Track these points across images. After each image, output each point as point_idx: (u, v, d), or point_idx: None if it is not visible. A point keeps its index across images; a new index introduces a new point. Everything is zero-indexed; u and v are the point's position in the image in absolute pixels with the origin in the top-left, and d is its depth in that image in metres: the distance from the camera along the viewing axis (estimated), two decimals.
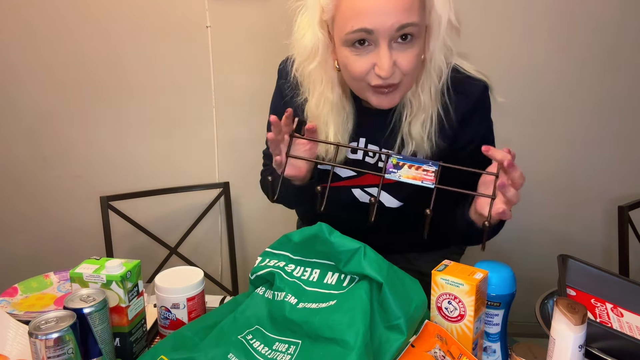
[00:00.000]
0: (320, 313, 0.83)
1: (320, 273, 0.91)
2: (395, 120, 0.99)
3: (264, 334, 0.87)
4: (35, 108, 1.82)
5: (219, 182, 1.79)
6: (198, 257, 1.80)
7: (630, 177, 1.73)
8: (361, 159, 1.05)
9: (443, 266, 0.84)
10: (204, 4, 1.68)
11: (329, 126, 0.99)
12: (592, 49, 1.63)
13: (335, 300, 0.84)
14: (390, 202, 1.06)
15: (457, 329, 0.81)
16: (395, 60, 0.85)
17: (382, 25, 0.82)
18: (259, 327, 0.88)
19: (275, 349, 0.83)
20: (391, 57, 0.84)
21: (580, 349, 0.70)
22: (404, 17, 0.82)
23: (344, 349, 0.75)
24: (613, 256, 1.63)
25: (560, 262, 0.98)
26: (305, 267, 0.92)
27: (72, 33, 1.73)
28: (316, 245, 0.89)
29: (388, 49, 0.84)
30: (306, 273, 0.92)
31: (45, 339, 0.74)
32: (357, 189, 1.08)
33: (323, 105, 0.97)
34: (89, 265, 0.88)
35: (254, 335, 0.87)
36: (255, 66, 1.69)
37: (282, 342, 0.84)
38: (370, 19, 0.82)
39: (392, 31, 0.83)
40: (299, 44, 0.95)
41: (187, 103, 1.79)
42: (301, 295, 0.88)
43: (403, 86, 0.90)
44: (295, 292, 0.89)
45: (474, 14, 1.60)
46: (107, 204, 1.63)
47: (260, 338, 0.86)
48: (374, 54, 0.86)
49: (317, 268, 0.92)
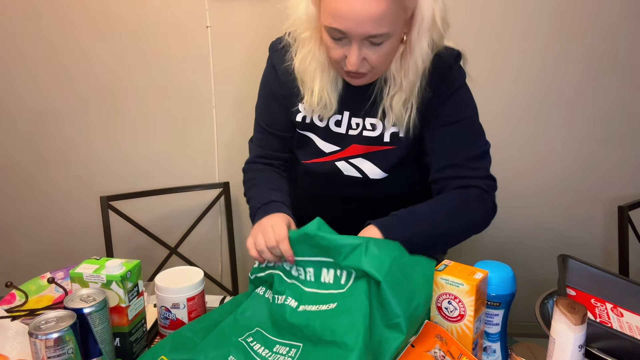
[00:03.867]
0: (321, 316, 0.83)
1: (315, 272, 0.91)
2: (376, 93, 1.04)
3: (265, 336, 0.87)
4: (36, 108, 1.82)
5: (219, 182, 1.79)
6: (198, 257, 1.80)
7: (630, 177, 1.73)
8: (344, 133, 1.08)
9: (443, 266, 0.84)
10: (204, 4, 1.68)
11: (314, 81, 1.03)
12: (593, 50, 1.63)
13: (336, 303, 0.84)
14: (375, 174, 1.08)
15: (457, 329, 0.81)
16: (365, 56, 0.92)
17: (354, 31, 0.89)
18: (259, 329, 0.88)
19: (275, 352, 0.83)
20: (360, 54, 0.92)
21: (580, 349, 0.70)
22: (373, 29, 0.88)
23: (345, 351, 0.75)
24: (613, 256, 1.63)
25: (560, 262, 0.99)
26: (298, 267, 0.92)
27: (72, 33, 1.73)
28: (314, 240, 0.89)
29: (358, 47, 0.91)
30: (303, 273, 0.92)
31: (45, 339, 0.74)
32: (342, 161, 1.10)
33: (310, 61, 1.02)
34: (89, 265, 0.88)
35: (255, 337, 0.87)
36: (255, 66, 1.68)
37: (282, 344, 0.84)
38: (344, 22, 0.88)
39: (362, 37, 0.90)
40: (294, 11, 0.99)
41: (187, 103, 1.79)
42: (301, 298, 0.88)
43: (373, 73, 0.98)
44: (295, 294, 0.89)
45: (475, 15, 1.61)
46: (107, 204, 1.63)
47: (261, 340, 0.86)
48: (347, 47, 0.92)
49: (310, 267, 0.91)
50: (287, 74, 1.08)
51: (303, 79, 1.04)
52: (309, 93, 1.04)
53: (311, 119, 1.10)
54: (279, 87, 1.12)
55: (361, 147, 1.07)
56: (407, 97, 1.00)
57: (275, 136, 1.16)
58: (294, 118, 1.11)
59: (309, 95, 1.04)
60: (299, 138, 1.15)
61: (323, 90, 1.03)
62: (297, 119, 1.11)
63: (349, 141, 1.08)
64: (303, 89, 1.06)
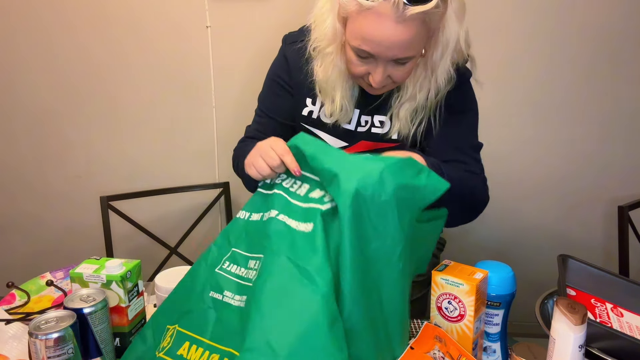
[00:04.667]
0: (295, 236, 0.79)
1: (309, 189, 0.86)
2: (388, 98, 1.05)
3: (239, 254, 0.85)
4: (36, 108, 1.82)
5: (219, 182, 1.79)
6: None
7: (630, 177, 1.73)
8: (353, 130, 1.10)
9: (443, 266, 0.84)
10: (204, 4, 1.68)
11: (336, 90, 1.04)
12: (593, 50, 1.63)
13: (312, 224, 0.79)
14: None
15: (457, 328, 0.82)
16: (389, 74, 0.94)
17: (382, 55, 0.90)
18: (234, 249, 0.86)
19: (250, 267, 0.82)
20: (385, 72, 0.93)
21: (580, 349, 0.70)
22: (401, 52, 0.89)
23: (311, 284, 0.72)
24: (613, 256, 1.63)
25: (560, 262, 0.99)
26: (296, 180, 0.89)
27: (71, 33, 1.73)
28: (307, 159, 0.85)
29: (383, 67, 0.93)
30: (295, 185, 0.88)
31: (45, 339, 0.74)
32: None
33: (332, 71, 1.03)
34: (89, 265, 0.88)
35: (230, 259, 0.85)
36: (256, 66, 1.69)
37: (254, 259, 0.82)
38: (372, 46, 0.89)
39: (390, 59, 0.91)
40: (320, 26, 1.00)
41: (187, 103, 1.79)
42: (284, 209, 0.84)
43: (393, 85, 1.00)
44: (280, 205, 0.85)
45: (477, 16, 1.60)
46: (107, 204, 1.63)
47: (236, 260, 0.85)
48: (372, 65, 0.94)
49: (307, 183, 0.87)
50: (298, 66, 1.09)
51: (323, 88, 1.06)
52: (329, 101, 1.06)
53: (318, 115, 1.10)
54: (288, 77, 1.12)
55: (369, 143, 1.09)
56: (417, 109, 1.02)
57: (275, 121, 1.16)
58: (300, 110, 1.11)
59: (329, 103, 1.06)
60: None
61: (344, 99, 1.04)
62: (303, 112, 1.11)
63: (357, 137, 1.10)
64: (322, 97, 1.07)
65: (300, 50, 1.08)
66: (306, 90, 1.09)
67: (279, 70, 1.14)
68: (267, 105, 1.18)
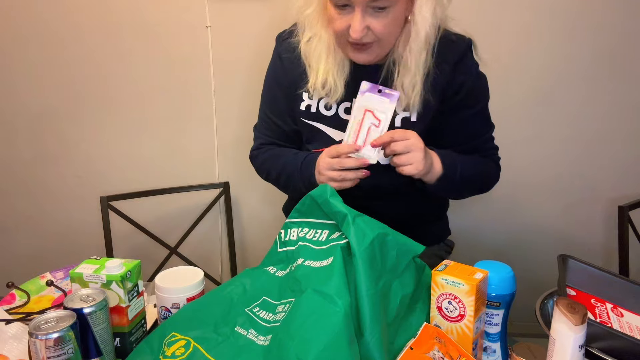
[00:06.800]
0: (317, 271, 0.84)
1: (329, 233, 0.92)
2: (386, 77, 1.04)
3: (270, 302, 0.88)
4: (35, 108, 1.82)
5: (219, 182, 1.79)
6: (198, 257, 1.80)
7: (630, 177, 1.73)
8: None
9: (443, 266, 0.84)
10: (204, 4, 1.68)
11: (320, 63, 1.04)
12: (593, 50, 1.63)
13: (332, 257, 0.85)
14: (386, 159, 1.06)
15: (457, 329, 0.81)
16: (369, 24, 0.94)
17: None
18: (265, 297, 0.89)
19: (277, 312, 0.84)
20: (363, 21, 0.93)
21: (580, 349, 0.70)
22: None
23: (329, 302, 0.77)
24: (613, 256, 1.63)
25: (560, 262, 0.99)
26: (317, 229, 0.94)
27: (71, 33, 1.73)
28: (322, 207, 0.92)
29: (361, 15, 0.92)
30: (317, 234, 0.94)
31: (45, 339, 0.74)
32: None
33: (317, 43, 1.03)
34: (89, 265, 0.88)
35: (261, 306, 0.88)
36: (256, 66, 1.69)
37: (283, 304, 0.85)
38: None
39: (366, 2, 0.91)
40: None
41: (187, 103, 1.79)
42: (309, 255, 0.90)
43: (378, 46, 0.98)
44: (306, 253, 0.90)
45: (478, 15, 1.60)
46: (107, 204, 1.63)
47: (266, 307, 0.87)
48: (351, 16, 0.94)
49: (327, 229, 0.93)
50: (292, 62, 1.09)
51: (309, 61, 1.05)
52: (314, 75, 1.05)
53: (317, 108, 1.09)
54: (284, 77, 1.12)
55: None
56: (414, 75, 1.02)
57: (282, 124, 1.17)
58: (298, 108, 1.11)
59: (314, 78, 1.05)
60: (308, 132, 1.14)
61: (328, 72, 1.03)
62: (302, 107, 1.11)
63: None
64: (309, 72, 1.06)
65: (292, 44, 1.08)
66: (302, 84, 1.09)
67: (276, 70, 1.14)
68: (271, 109, 1.18)
